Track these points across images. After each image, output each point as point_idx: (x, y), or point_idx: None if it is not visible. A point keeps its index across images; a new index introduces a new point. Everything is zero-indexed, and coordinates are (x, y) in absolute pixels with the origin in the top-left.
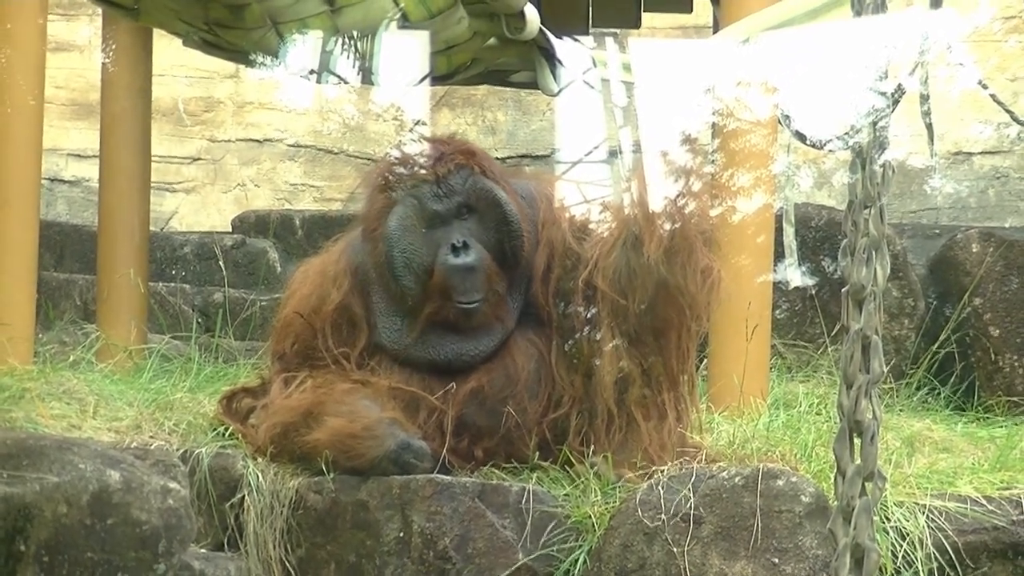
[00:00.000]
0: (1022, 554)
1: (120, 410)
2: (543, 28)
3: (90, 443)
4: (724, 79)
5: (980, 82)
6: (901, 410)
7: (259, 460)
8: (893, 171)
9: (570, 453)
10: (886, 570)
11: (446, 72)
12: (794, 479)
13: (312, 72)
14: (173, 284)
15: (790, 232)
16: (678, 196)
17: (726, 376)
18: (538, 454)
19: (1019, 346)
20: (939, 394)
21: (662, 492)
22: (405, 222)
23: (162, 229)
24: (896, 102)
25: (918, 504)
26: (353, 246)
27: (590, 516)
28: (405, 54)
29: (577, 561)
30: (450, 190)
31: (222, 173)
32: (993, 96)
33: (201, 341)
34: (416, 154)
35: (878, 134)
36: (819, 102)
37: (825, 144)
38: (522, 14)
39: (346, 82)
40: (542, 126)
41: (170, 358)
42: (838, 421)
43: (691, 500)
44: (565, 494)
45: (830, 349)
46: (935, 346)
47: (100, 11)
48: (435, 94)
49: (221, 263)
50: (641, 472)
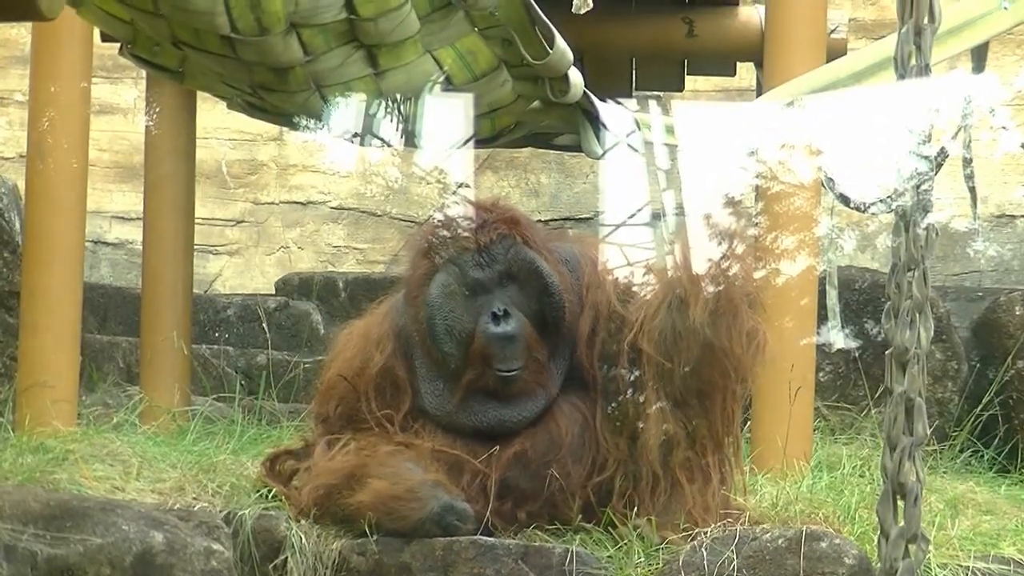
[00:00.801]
0: None
1: (163, 472)
2: (587, 91)
3: (133, 505)
4: (767, 142)
5: (1023, 145)
6: (944, 472)
7: (302, 522)
8: (936, 234)
9: (613, 515)
10: None
11: (490, 135)
12: (837, 541)
13: (356, 135)
14: (216, 346)
15: (833, 295)
16: (722, 258)
17: (770, 438)
18: (582, 516)
19: None
20: (982, 456)
21: (705, 554)
22: (447, 289)
23: (206, 291)
24: (939, 165)
25: (961, 566)
26: (396, 309)
27: None
28: (448, 117)
29: None
30: (492, 258)
31: (266, 235)
32: None
33: (244, 403)
34: (459, 219)
35: (921, 197)
36: (862, 165)
37: (868, 207)
38: (566, 77)
39: (389, 145)
40: (585, 189)
41: (213, 420)
42: (881, 483)
43: (735, 562)
44: (608, 556)
45: (873, 411)
46: (978, 408)
47: (144, 74)
48: (479, 157)
49: (264, 325)
50: (684, 534)
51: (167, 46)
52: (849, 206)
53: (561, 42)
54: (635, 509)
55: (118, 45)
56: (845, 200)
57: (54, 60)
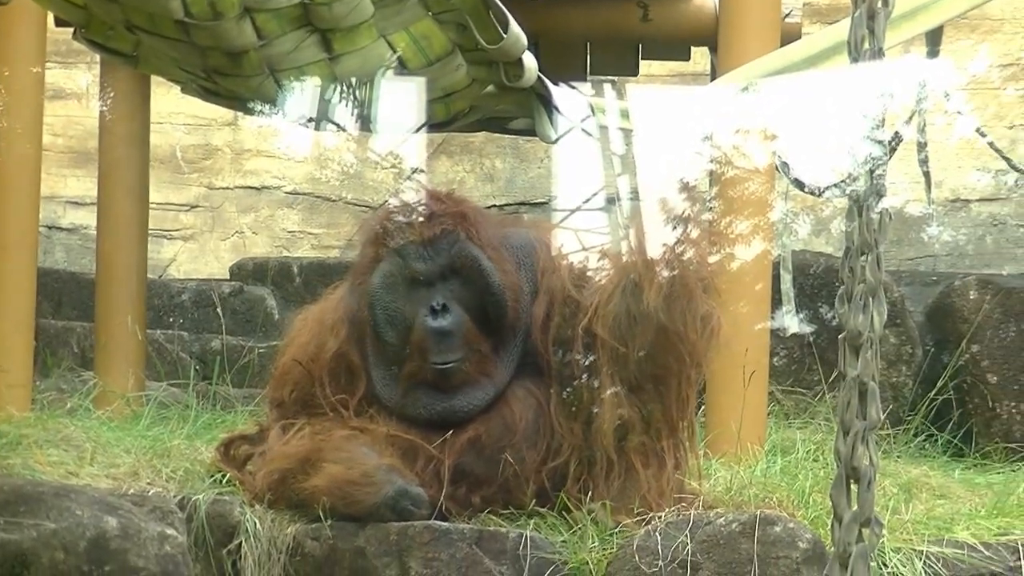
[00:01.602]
0: None
1: (117, 457)
2: (541, 75)
3: (87, 490)
4: (722, 126)
5: (978, 130)
6: (898, 456)
7: (257, 507)
8: (890, 218)
9: (568, 500)
10: None
11: (444, 119)
12: (791, 525)
13: (310, 119)
14: (171, 331)
15: (787, 279)
16: (677, 243)
17: (724, 423)
18: (536, 501)
19: (1016, 393)
20: (936, 440)
21: (659, 538)
22: (389, 279)
23: (160, 276)
24: (893, 150)
25: (915, 550)
26: (351, 294)
27: (587, 562)
28: (403, 101)
29: None
30: (436, 252)
31: (220, 220)
32: (991, 144)
33: (199, 388)
34: (409, 209)
35: (875, 181)
36: (816, 150)
37: (822, 191)
38: (520, 61)
39: (344, 129)
40: (540, 173)
41: (168, 405)
42: (835, 467)
43: (688, 546)
44: (563, 540)
45: (827, 396)
46: (932, 393)
47: (98, 59)
48: (433, 141)
49: (219, 310)
50: (639, 518)
51: (121, 30)
52: (803, 190)
53: (515, 26)
54: (589, 493)
55: (72, 29)
56: (799, 184)
57: (7, 45)
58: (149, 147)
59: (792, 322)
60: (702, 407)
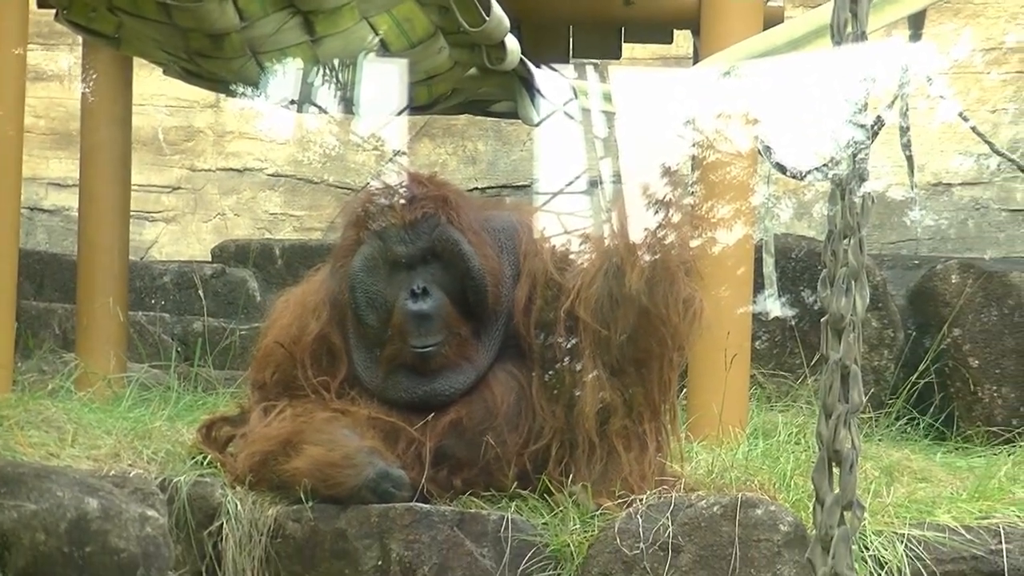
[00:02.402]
0: None
1: (99, 438)
2: (524, 58)
3: (68, 471)
4: (704, 110)
5: (961, 114)
6: (880, 440)
7: (238, 488)
8: (873, 202)
9: (549, 482)
10: None
11: (426, 102)
12: (772, 508)
13: (292, 102)
14: (152, 313)
15: (770, 263)
16: (659, 226)
17: (706, 406)
18: (518, 483)
19: (998, 377)
20: (918, 424)
21: (641, 521)
22: (370, 262)
23: (142, 258)
24: (875, 134)
25: (897, 533)
26: (332, 277)
27: (568, 545)
28: (385, 84)
29: None
30: (416, 235)
31: (202, 202)
32: (974, 128)
33: (180, 370)
34: (391, 192)
35: (858, 165)
36: (799, 133)
37: (805, 175)
38: (503, 44)
39: (326, 112)
40: (522, 156)
41: (149, 387)
42: (817, 450)
43: (670, 529)
44: (544, 523)
45: (809, 379)
46: (914, 376)
47: (80, 40)
48: (415, 124)
49: (201, 292)
50: (620, 501)
51: (103, 12)
52: (786, 174)
53: (498, 9)
54: (571, 476)
55: (54, 11)
56: (782, 168)
57: None
58: (131, 129)
59: (774, 306)
60: (684, 390)
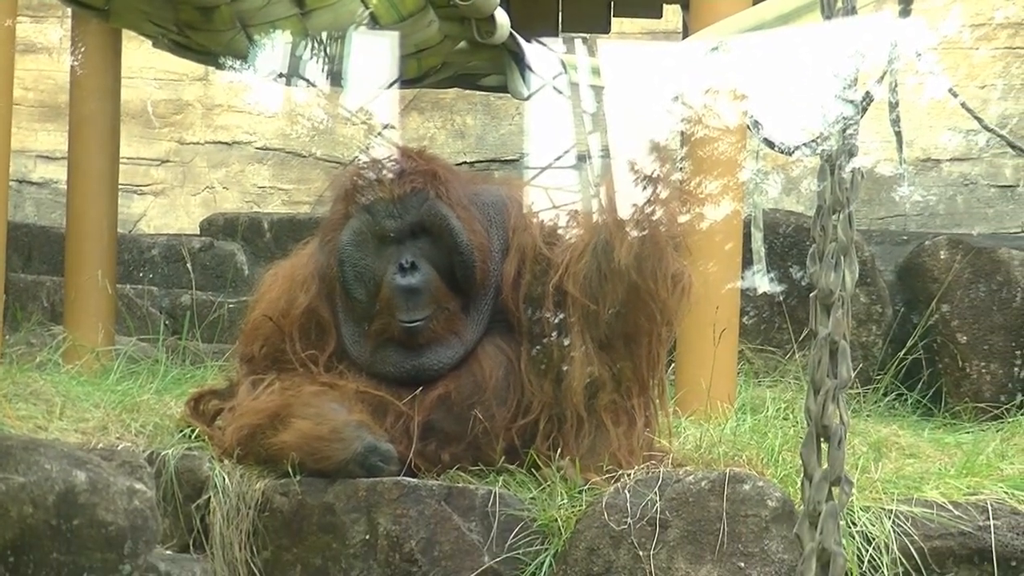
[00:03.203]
0: (988, 559)
1: (87, 411)
2: (513, 32)
3: (56, 444)
4: (693, 85)
5: (950, 90)
6: (868, 415)
7: (226, 462)
8: (862, 177)
9: (537, 457)
10: (852, 575)
11: (415, 75)
12: (760, 483)
13: (281, 75)
14: (141, 286)
15: (758, 238)
16: (648, 201)
17: (694, 381)
18: (505, 458)
19: (986, 353)
20: (906, 400)
21: (628, 496)
22: (357, 237)
23: (130, 231)
24: (864, 109)
25: (884, 509)
26: (321, 251)
27: (556, 520)
28: (375, 57)
29: (543, 564)
30: (405, 209)
31: (191, 176)
32: (963, 104)
33: (168, 343)
34: (380, 166)
35: (846, 141)
36: (788, 109)
37: (793, 151)
38: (492, 18)
39: (315, 85)
40: (511, 130)
41: (137, 360)
42: (805, 426)
43: (657, 504)
44: (531, 497)
45: (797, 354)
46: (902, 352)
47: (69, 13)
48: (404, 98)
49: (189, 265)
50: (608, 476)
51: None
52: (774, 149)
53: None
54: (559, 451)
55: None
56: (770, 144)
57: None
58: (120, 102)
59: (762, 281)
60: (672, 365)
